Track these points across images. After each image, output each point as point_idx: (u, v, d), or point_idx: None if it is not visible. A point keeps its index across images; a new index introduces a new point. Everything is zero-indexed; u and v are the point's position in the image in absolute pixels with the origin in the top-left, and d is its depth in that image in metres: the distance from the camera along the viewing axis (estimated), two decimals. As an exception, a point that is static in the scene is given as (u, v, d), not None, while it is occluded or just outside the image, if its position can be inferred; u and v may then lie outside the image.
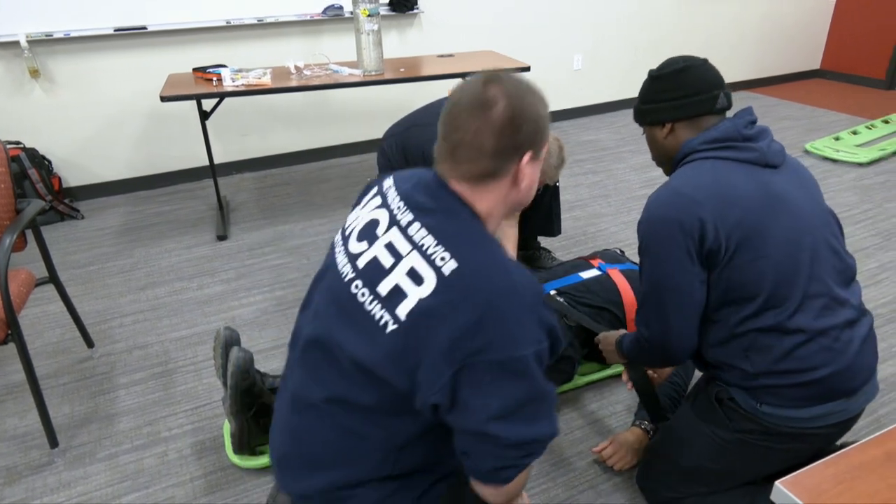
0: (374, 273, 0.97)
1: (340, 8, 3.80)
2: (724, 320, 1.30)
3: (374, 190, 1.11)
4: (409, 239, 0.96)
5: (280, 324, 2.41)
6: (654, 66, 1.40)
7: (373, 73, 3.02)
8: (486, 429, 0.91)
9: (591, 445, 1.82)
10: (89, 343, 2.26)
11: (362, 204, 1.11)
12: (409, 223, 0.98)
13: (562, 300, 2.00)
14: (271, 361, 2.19)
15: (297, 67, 3.17)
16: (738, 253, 1.23)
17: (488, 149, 0.94)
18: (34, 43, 3.24)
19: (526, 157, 0.96)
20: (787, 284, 1.24)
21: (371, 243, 1.01)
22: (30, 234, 1.98)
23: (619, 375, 2.08)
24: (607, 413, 1.95)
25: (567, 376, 1.98)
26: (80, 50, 3.36)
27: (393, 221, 1.00)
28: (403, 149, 2.34)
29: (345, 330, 0.99)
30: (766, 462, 1.38)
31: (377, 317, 0.94)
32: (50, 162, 3.46)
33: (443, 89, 3.71)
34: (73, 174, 3.61)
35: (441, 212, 0.97)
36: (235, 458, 1.76)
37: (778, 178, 1.29)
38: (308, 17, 3.77)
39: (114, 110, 3.57)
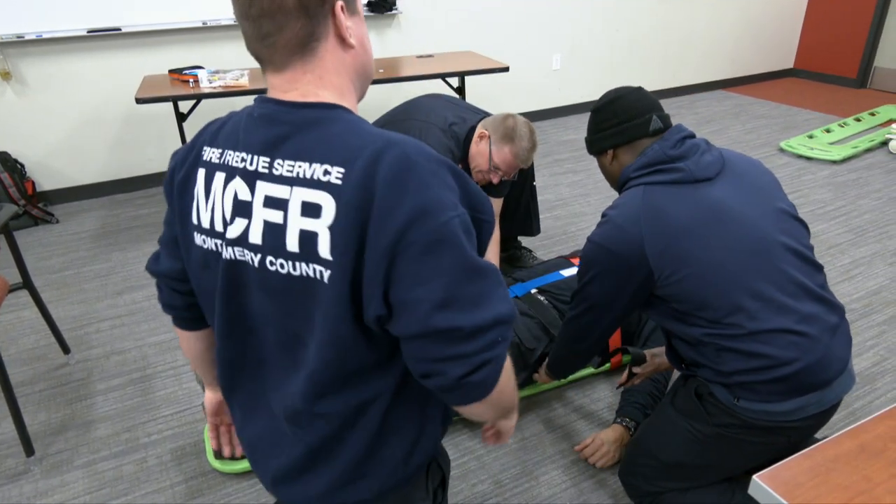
0: (273, 237, 0.82)
1: (318, 8, 3.77)
2: (691, 328, 1.34)
3: (197, 176, 0.92)
4: (282, 179, 0.82)
5: (261, 327, 2.39)
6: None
7: (352, 73, 3.01)
8: (433, 323, 0.78)
9: (573, 443, 1.83)
10: (65, 349, 2.23)
11: (196, 198, 0.91)
12: (270, 164, 0.83)
13: (542, 298, 2.01)
14: (252, 365, 2.17)
15: (275, 68, 3.14)
16: (674, 274, 1.29)
17: (290, 5, 0.81)
18: (5, 45, 3.18)
19: (338, 6, 0.85)
20: (736, 292, 1.27)
21: (249, 214, 0.85)
22: (2, 240, 1.95)
23: (600, 374, 2.10)
24: (589, 411, 1.96)
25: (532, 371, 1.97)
26: (52, 51, 3.31)
27: (252, 176, 0.84)
28: None
29: (295, 313, 0.87)
30: (746, 456, 1.40)
31: (308, 275, 0.82)
32: (23, 166, 3.40)
33: (422, 90, 3.71)
34: (47, 178, 3.55)
35: (294, 129, 0.84)
36: (216, 463, 1.74)
37: (714, 189, 1.32)
38: (286, 18, 3.74)
39: (88, 113, 3.52)
